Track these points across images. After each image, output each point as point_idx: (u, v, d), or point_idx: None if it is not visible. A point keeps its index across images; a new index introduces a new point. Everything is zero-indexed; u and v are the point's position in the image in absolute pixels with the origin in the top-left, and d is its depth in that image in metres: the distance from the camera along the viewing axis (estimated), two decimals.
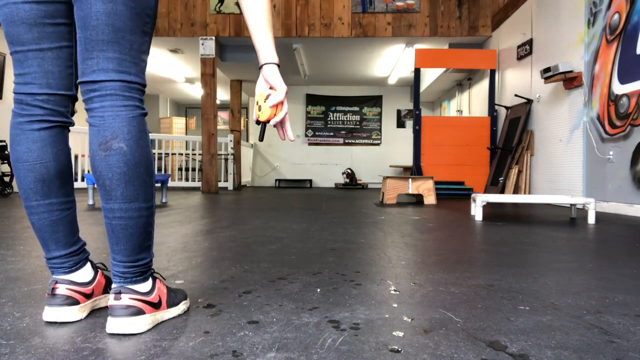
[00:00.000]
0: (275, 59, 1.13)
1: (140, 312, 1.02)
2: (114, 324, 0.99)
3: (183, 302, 1.17)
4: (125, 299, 1.01)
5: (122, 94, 0.99)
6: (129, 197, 0.99)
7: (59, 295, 1.07)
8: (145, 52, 1.05)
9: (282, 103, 1.12)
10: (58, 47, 1.04)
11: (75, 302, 1.09)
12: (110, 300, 1.01)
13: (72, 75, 1.09)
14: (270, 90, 1.14)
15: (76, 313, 1.09)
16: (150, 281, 1.08)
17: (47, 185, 1.07)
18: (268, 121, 1.13)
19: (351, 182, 10.77)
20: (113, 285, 1.04)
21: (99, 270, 1.19)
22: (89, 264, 1.16)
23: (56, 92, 1.06)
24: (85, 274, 1.13)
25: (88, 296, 1.12)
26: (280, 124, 1.16)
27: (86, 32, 0.97)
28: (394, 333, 1.02)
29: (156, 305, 1.06)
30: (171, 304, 1.12)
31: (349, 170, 10.80)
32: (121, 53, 0.98)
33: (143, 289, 1.05)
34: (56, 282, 1.08)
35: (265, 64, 1.12)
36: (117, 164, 0.97)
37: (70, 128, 1.14)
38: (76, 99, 1.12)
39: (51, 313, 1.07)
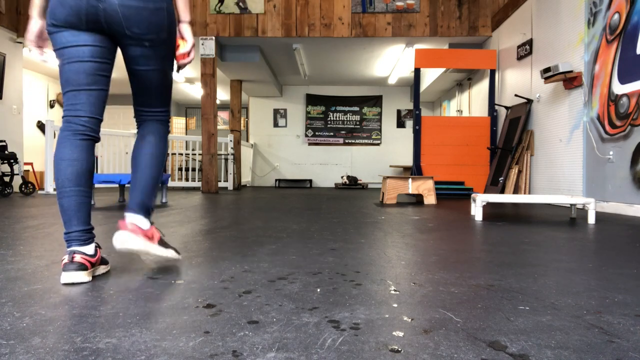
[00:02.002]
0: (189, 18, 1.67)
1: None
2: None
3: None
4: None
5: (163, 118, 1.73)
6: (151, 167, 1.64)
7: (75, 262, 1.45)
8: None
9: (188, 53, 1.67)
10: (101, 89, 1.56)
11: (85, 268, 1.46)
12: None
13: (104, 105, 1.59)
14: (181, 41, 1.66)
15: (86, 276, 1.46)
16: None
17: (79, 177, 1.50)
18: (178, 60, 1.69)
19: (353, 182, 10.75)
20: (126, 218, 1.58)
21: (97, 248, 1.57)
22: (94, 243, 1.54)
23: (94, 117, 1.56)
24: (92, 248, 1.51)
25: (93, 265, 1.51)
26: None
27: (148, 90, 1.66)
28: (394, 333, 1.02)
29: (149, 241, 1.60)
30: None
31: (347, 178, 10.75)
32: (167, 96, 1.73)
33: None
34: (74, 253, 1.45)
35: (183, 22, 1.66)
36: (147, 148, 1.66)
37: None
38: (101, 122, 1.61)
39: (68, 276, 1.43)
